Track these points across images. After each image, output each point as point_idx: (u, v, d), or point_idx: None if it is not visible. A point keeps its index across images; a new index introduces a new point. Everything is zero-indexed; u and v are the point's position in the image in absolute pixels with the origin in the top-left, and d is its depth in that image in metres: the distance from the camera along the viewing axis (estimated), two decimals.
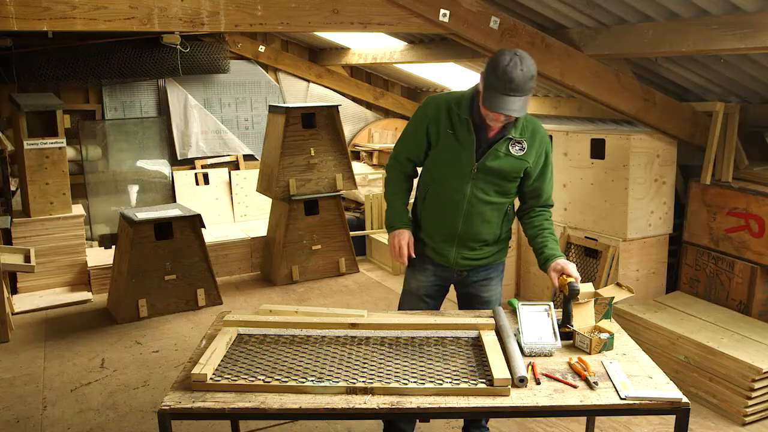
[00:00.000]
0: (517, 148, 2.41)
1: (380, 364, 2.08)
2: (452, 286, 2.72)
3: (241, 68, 6.50)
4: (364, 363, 2.08)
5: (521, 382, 1.96)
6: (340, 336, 2.30)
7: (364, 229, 5.94)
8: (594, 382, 1.97)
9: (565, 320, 2.30)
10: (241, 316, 2.37)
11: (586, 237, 4.18)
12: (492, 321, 2.34)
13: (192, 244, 4.72)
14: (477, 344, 2.23)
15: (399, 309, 2.71)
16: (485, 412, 1.93)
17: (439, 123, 2.44)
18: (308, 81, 6.80)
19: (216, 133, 6.46)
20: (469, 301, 2.69)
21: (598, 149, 4.08)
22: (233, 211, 6.48)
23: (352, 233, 5.60)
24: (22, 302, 4.89)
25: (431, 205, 2.55)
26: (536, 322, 2.26)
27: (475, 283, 2.64)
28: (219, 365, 2.06)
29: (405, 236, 2.54)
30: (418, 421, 2.96)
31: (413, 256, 2.55)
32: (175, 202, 6.15)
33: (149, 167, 6.24)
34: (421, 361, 2.09)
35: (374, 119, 7.13)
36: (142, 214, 4.65)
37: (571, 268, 2.35)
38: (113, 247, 5.34)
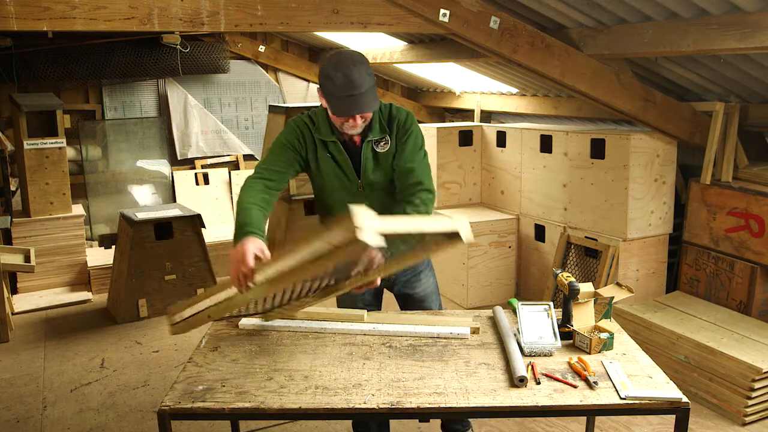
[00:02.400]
0: (381, 144, 2.33)
1: (380, 364, 2.08)
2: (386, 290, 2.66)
3: (241, 68, 6.50)
4: (363, 364, 2.08)
5: (521, 381, 1.96)
6: (340, 336, 2.30)
7: None
8: (594, 382, 1.97)
9: (565, 320, 2.30)
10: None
11: (586, 237, 4.18)
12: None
13: (192, 244, 4.72)
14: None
15: None
16: (485, 412, 1.93)
17: (311, 150, 2.34)
18: (308, 81, 6.80)
19: (216, 133, 6.46)
20: (406, 301, 2.63)
21: (598, 149, 4.08)
22: (233, 211, 6.47)
23: None
24: (22, 302, 4.89)
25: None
26: (536, 322, 2.26)
27: (406, 281, 2.58)
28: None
29: (250, 248, 2.00)
30: (418, 420, 2.96)
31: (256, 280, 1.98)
32: (175, 202, 6.16)
33: (149, 167, 6.24)
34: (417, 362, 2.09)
35: None
36: (142, 214, 4.65)
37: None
38: (113, 247, 5.34)
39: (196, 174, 6.39)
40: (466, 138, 5.08)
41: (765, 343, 3.26)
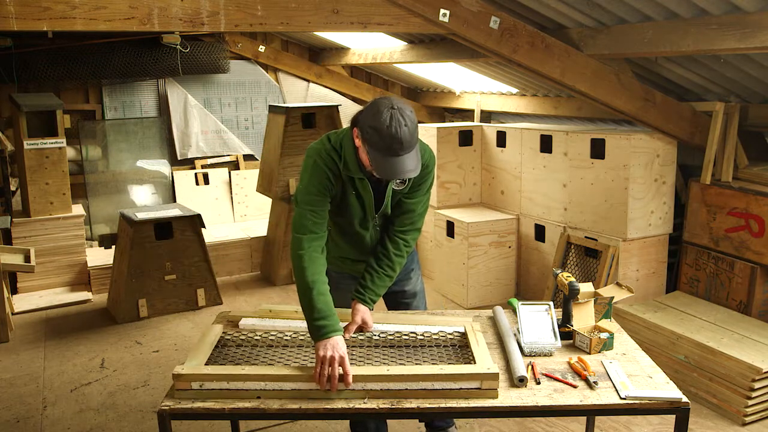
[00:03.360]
0: (399, 182, 2.29)
1: (380, 364, 2.08)
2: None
3: (241, 68, 6.50)
4: (364, 364, 2.08)
5: (521, 382, 1.96)
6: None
7: None
8: (594, 382, 1.97)
9: (565, 320, 2.30)
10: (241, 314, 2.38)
11: (586, 237, 4.18)
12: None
13: (192, 244, 4.72)
14: (464, 344, 2.23)
15: None
16: (485, 412, 1.93)
17: (339, 184, 2.27)
18: (308, 81, 6.80)
19: (216, 133, 6.45)
20: (396, 298, 2.64)
21: (598, 149, 4.08)
22: (233, 211, 6.48)
23: None
24: (22, 302, 4.89)
25: (337, 240, 2.46)
26: (536, 321, 2.26)
27: (397, 280, 2.56)
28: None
29: (334, 353, 1.94)
30: (418, 420, 2.96)
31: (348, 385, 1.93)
32: (175, 202, 6.16)
33: (149, 167, 6.24)
34: (417, 362, 2.09)
35: None
36: (142, 214, 4.65)
37: (364, 319, 2.28)
38: (113, 247, 5.34)
39: (196, 174, 6.38)
40: (466, 138, 5.08)
41: (765, 343, 3.26)
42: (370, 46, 5.80)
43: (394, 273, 2.40)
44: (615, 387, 1.96)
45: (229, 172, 6.50)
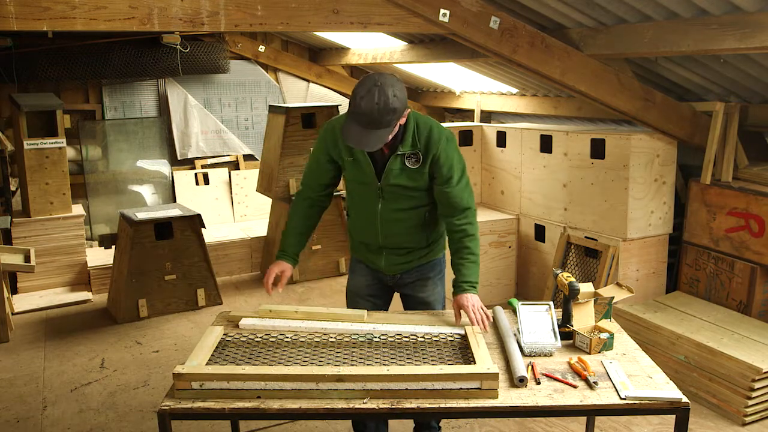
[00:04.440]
0: (413, 160, 2.34)
1: (380, 363, 2.08)
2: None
3: (241, 68, 6.50)
4: (364, 364, 2.08)
5: (521, 382, 1.96)
6: (340, 335, 2.30)
7: None
8: (594, 382, 1.97)
9: (565, 320, 2.30)
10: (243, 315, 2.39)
11: (586, 237, 4.18)
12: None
13: (192, 244, 4.72)
14: (464, 344, 2.23)
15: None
16: (485, 412, 1.93)
17: (339, 150, 2.41)
18: (308, 81, 6.80)
19: (216, 133, 6.46)
20: (409, 303, 2.66)
21: (598, 149, 4.08)
22: (233, 211, 6.48)
23: None
24: (22, 302, 4.89)
25: (354, 221, 2.58)
26: (536, 322, 2.26)
27: (411, 284, 2.60)
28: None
29: (275, 269, 2.48)
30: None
31: (279, 290, 2.48)
32: (175, 202, 6.16)
33: (149, 167, 6.24)
34: (417, 363, 2.09)
35: None
36: (142, 214, 4.65)
37: (472, 309, 2.30)
38: (113, 247, 5.34)
39: (196, 174, 6.39)
40: (466, 138, 5.08)
41: (765, 343, 3.26)
42: (370, 46, 5.80)
43: (472, 253, 2.40)
44: (615, 387, 1.96)
45: (229, 172, 6.51)
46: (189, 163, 6.43)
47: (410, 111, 2.31)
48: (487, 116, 6.16)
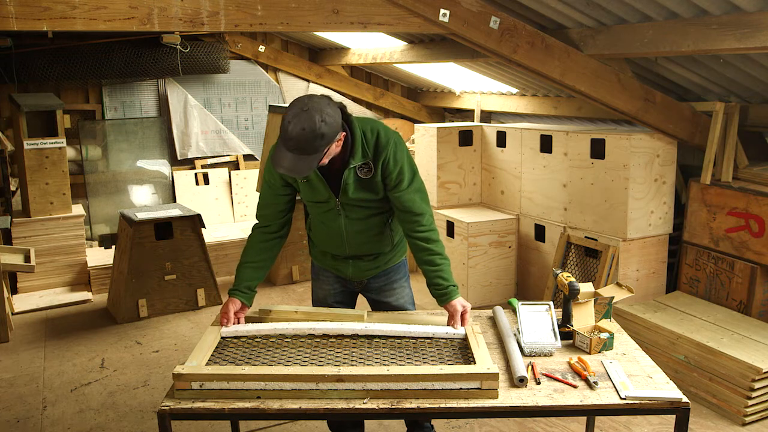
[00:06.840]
0: (365, 170, 2.28)
1: (380, 362, 2.08)
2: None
3: (241, 68, 6.50)
4: (363, 364, 2.08)
5: (521, 382, 1.97)
6: (340, 336, 2.30)
7: None
8: (594, 382, 1.97)
9: (565, 320, 2.30)
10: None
11: (586, 237, 4.18)
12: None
13: (192, 244, 4.72)
14: (464, 344, 2.23)
15: None
16: (485, 412, 1.93)
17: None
18: (308, 81, 6.80)
19: (216, 133, 6.46)
20: (379, 309, 2.63)
21: (598, 149, 4.08)
22: (233, 211, 6.48)
23: None
24: (22, 302, 4.89)
25: (317, 234, 2.51)
26: (536, 321, 2.26)
27: (378, 289, 2.59)
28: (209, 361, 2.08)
29: (231, 307, 2.35)
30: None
31: (238, 323, 2.37)
32: (175, 202, 6.16)
33: (149, 167, 6.24)
34: (417, 363, 2.09)
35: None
36: (142, 214, 4.66)
37: (465, 314, 2.30)
38: (113, 247, 5.34)
39: (196, 174, 6.39)
40: (466, 138, 5.08)
41: (765, 343, 3.26)
42: (370, 46, 5.80)
43: (438, 256, 2.37)
44: (615, 387, 1.96)
45: (229, 172, 6.51)
46: (189, 163, 6.43)
47: (355, 120, 2.26)
48: (487, 116, 6.16)
